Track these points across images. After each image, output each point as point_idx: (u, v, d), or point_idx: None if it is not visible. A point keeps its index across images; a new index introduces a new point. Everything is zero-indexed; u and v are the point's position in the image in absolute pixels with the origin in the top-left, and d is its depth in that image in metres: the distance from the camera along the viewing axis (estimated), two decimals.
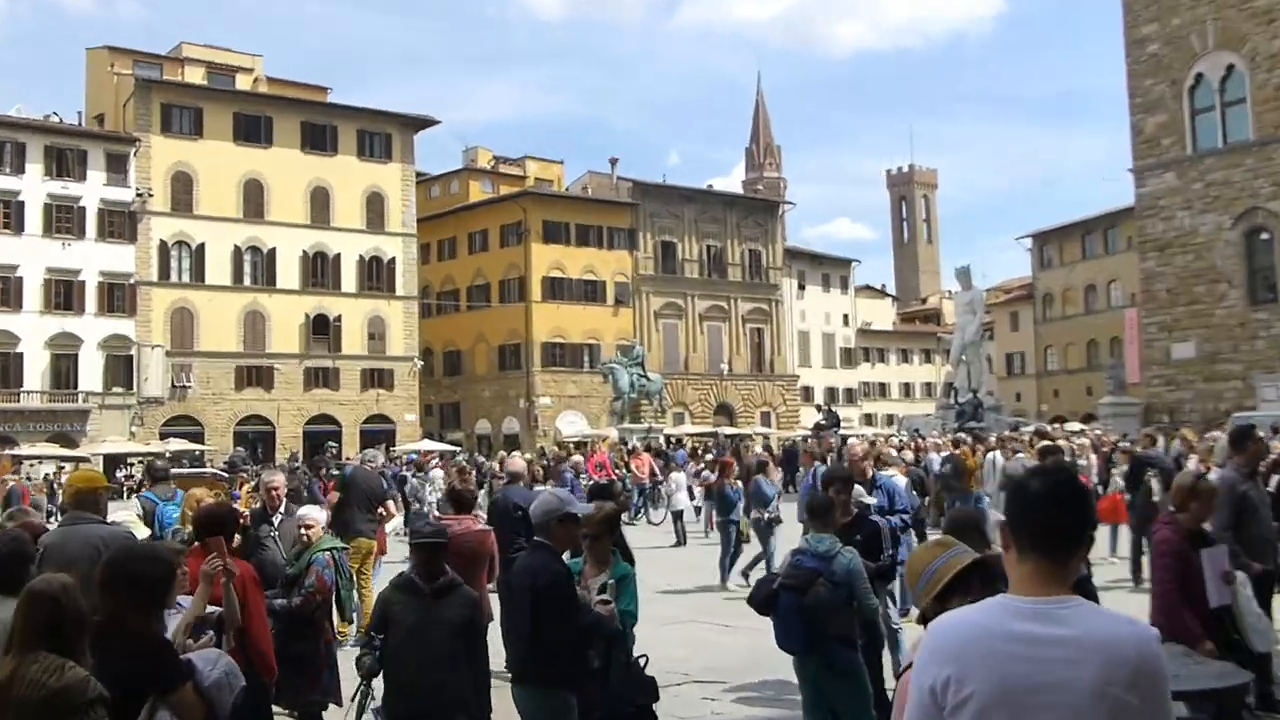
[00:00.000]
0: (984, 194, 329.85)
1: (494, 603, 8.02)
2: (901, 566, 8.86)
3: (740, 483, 18.81)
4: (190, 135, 58.70)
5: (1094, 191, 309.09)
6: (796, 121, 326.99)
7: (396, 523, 18.46)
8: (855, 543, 7.76)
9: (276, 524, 9.71)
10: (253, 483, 22.64)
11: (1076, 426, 41.33)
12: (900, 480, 14.05)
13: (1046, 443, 18.06)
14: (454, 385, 73.19)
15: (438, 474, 31.79)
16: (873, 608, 7.38)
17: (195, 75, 61.91)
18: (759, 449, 48.79)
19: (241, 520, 8.21)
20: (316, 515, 8.86)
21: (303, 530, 8.60)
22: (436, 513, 16.31)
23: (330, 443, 46.43)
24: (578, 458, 29.80)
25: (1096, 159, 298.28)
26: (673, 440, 58.12)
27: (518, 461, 13.36)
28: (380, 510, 14.54)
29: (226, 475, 33.80)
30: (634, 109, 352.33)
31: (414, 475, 31.33)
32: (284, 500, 10.33)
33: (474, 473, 26.51)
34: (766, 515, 16.10)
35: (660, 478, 31.23)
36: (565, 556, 6.61)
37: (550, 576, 6.26)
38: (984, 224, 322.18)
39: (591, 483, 29.96)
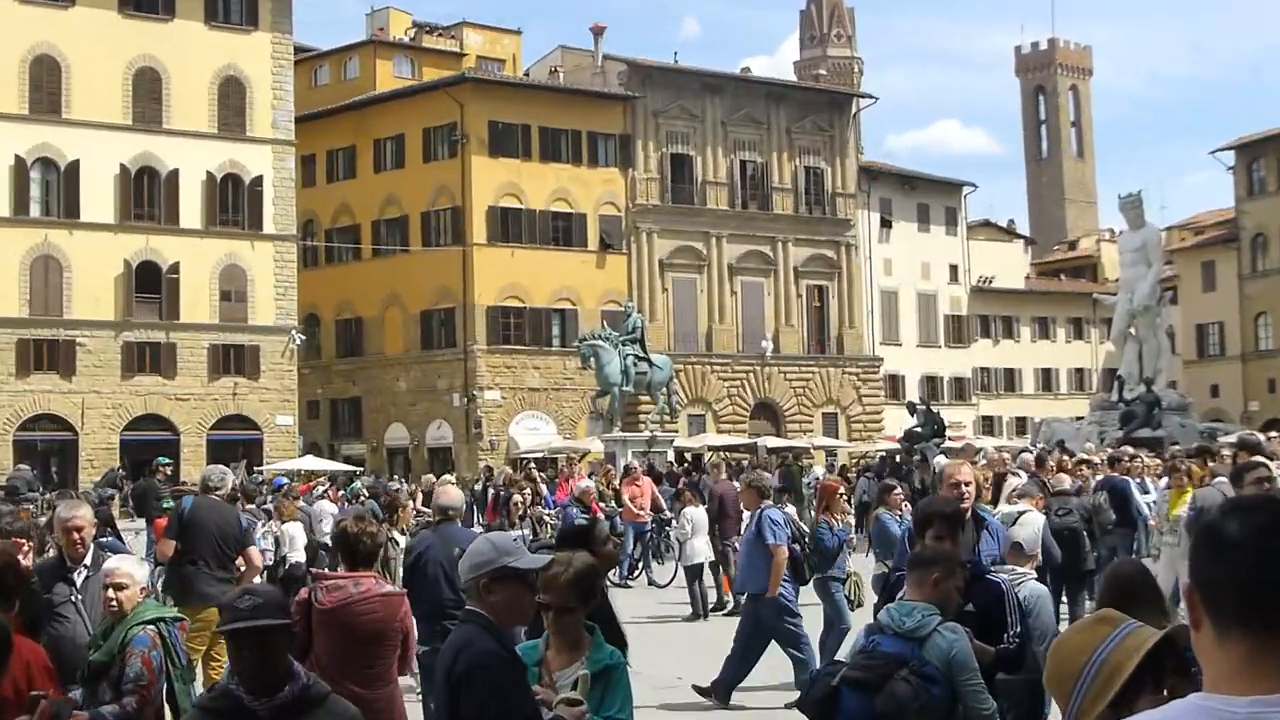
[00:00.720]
0: (1163, 84, 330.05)
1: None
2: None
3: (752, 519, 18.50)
4: None
5: None
6: None
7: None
8: (965, 616, 7.76)
9: (80, 582, 9.69)
10: (43, 518, 22.32)
11: None
12: (1035, 518, 13.76)
13: (1253, 459, 17.69)
14: (353, 372, 73.15)
15: (327, 508, 31.53)
16: (987, 714, 7.45)
17: None
18: (820, 471, 48.59)
19: (25, 577, 8.20)
20: (131, 569, 8.77)
21: (111, 593, 8.51)
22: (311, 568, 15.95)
23: (161, 458, 45.90)
24: (586, 483, 29.54)
25: None
26: (688, 457, 58.07)
27: (451, 491, 13.36)
28: (238, 562, 14.49)
29: (2, 507, 33.70)
30: None
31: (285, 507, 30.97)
32: (91, 546, 10.19)
33: (384, 512, 26.18)
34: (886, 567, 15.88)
35: (669, 514, 31.04)
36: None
37: (476, 659, 6.21)
38: (1162, 131, 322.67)
39: (563, 521, 29.77)
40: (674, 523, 29.49)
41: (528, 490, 35.60)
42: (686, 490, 29.28)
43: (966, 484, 11.32)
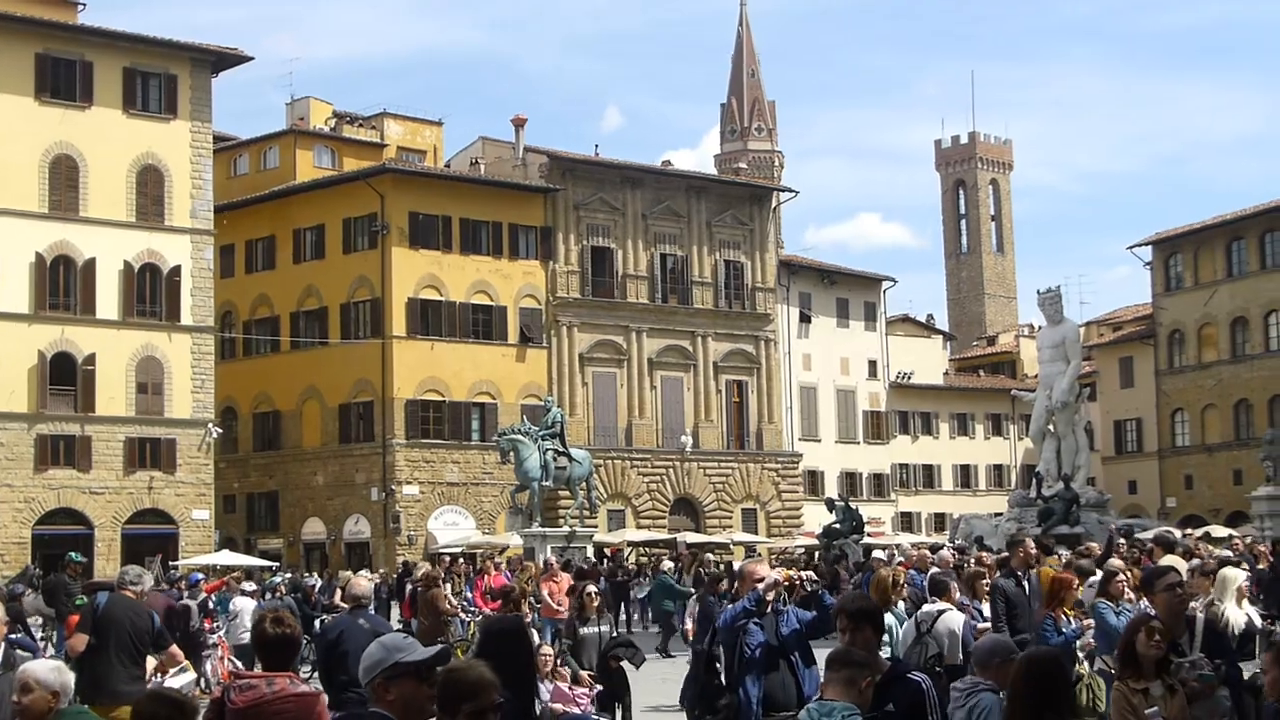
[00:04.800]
0: (1083, 179, 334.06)
1: None
2: None
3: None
4: None
5: (1245, 177, 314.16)
6: (798, 65, 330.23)
7: (186, 680, 18.10)
8: (885, 718, 7.86)
9: None
10: None
11: (1222, 532, 41.37)
12: (954, 618, 13.94)
13: (1162, 566, 17.87)
14: (270, 465, 72.79)
15: (244, 604, 31.42)
16: None
17: None
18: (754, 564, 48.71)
19: None
20: (42, 674, 8.54)
21: (18, 700, 8.36)
22: (232, 666, 16.00)
23: (73, 554, 45.63)
24: (586, 585, 29.20)
25: (1252, 129, 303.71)
26: (607, 552, 58.06)
27: (361, 583, 13.73)
28: (151, 662, 14.41)
29: None
30: (552, 44, 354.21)
31: (194, 603, 30.89)
32: (2, 645, 10.21)
33: (300, 608, 26.14)
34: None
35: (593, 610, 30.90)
36: None
37: None
38: (1082, 225, 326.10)
39: (481, 617, 29.73)
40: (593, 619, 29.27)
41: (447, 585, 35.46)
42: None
43: (765, 582, 11.81)
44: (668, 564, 46.25)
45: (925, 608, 14.83)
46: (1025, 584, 16.90)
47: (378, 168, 72.39)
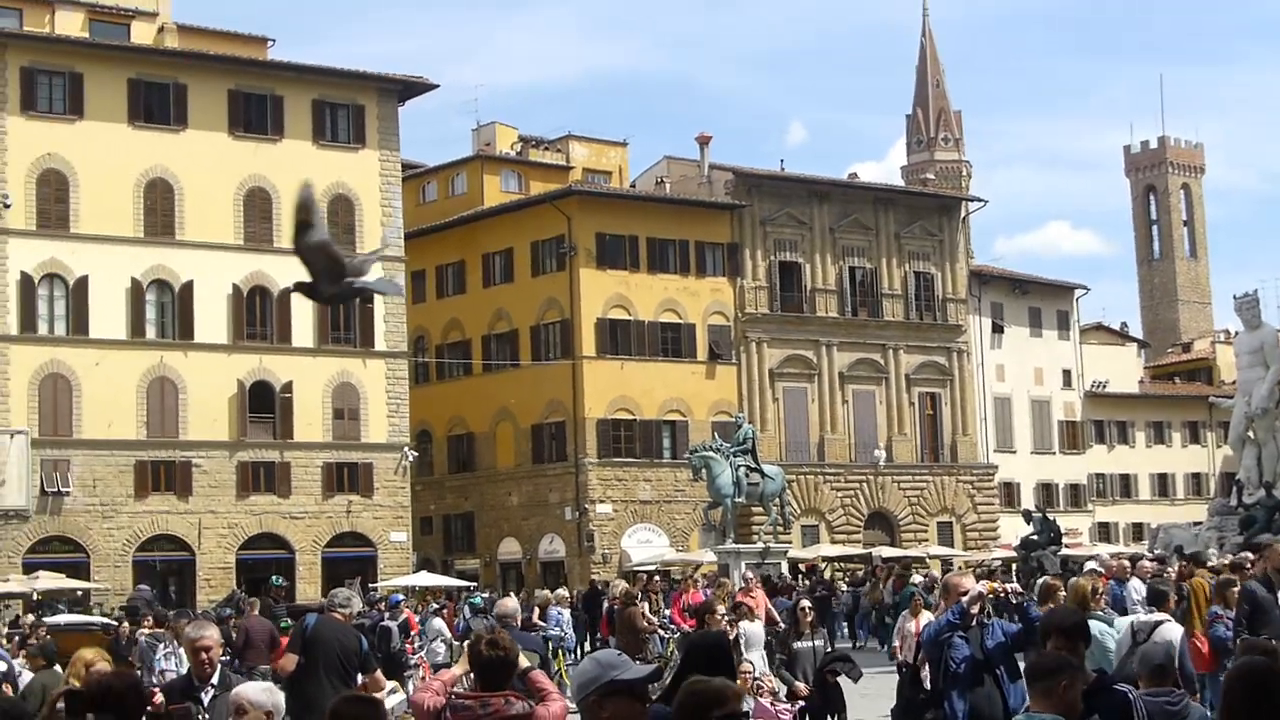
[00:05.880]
0: (1276, 179, 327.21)
1: None
2: None
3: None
4: (65, 115, 59.75)
5: None
6: (983, 73, 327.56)
7: (396, 701, 18.28)
8: None
9: (207, 702, 9.88)
10: (163, 644, 22.68)
11: None
12: (1173, 630, 13.38)
13: None
14: (465, 487, 73.54)
15: (439, 624, 31.79)
16: None
17: (72, 25, 63.02)
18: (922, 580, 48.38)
19: (152, 699, 8.21)
20: (255, 695, 8.78)
21: (231, 719, 8.56)
22: (433, 686, 16.15)
23: (275, 577, 46.63)
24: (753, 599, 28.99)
25: None
26: (802, 568, 57.86)
27: (508, 603, 14.07)
28: (364, 680, 14.49)
29: (117, 625, 34.03)
30: (734, 62, 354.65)
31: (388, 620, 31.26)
32: (218, 667, 10.51)
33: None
34: None
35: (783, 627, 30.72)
36: None
37: None
38: (1277, 227, 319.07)
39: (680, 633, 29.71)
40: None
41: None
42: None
43: (969, 595, 11.61)
44: (918, 577, 45.93)
45: (1142, 617, 14.50)
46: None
47: (564, 190, 72.80)
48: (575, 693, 6.71)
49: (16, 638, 32.64)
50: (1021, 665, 9.90)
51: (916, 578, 43.46)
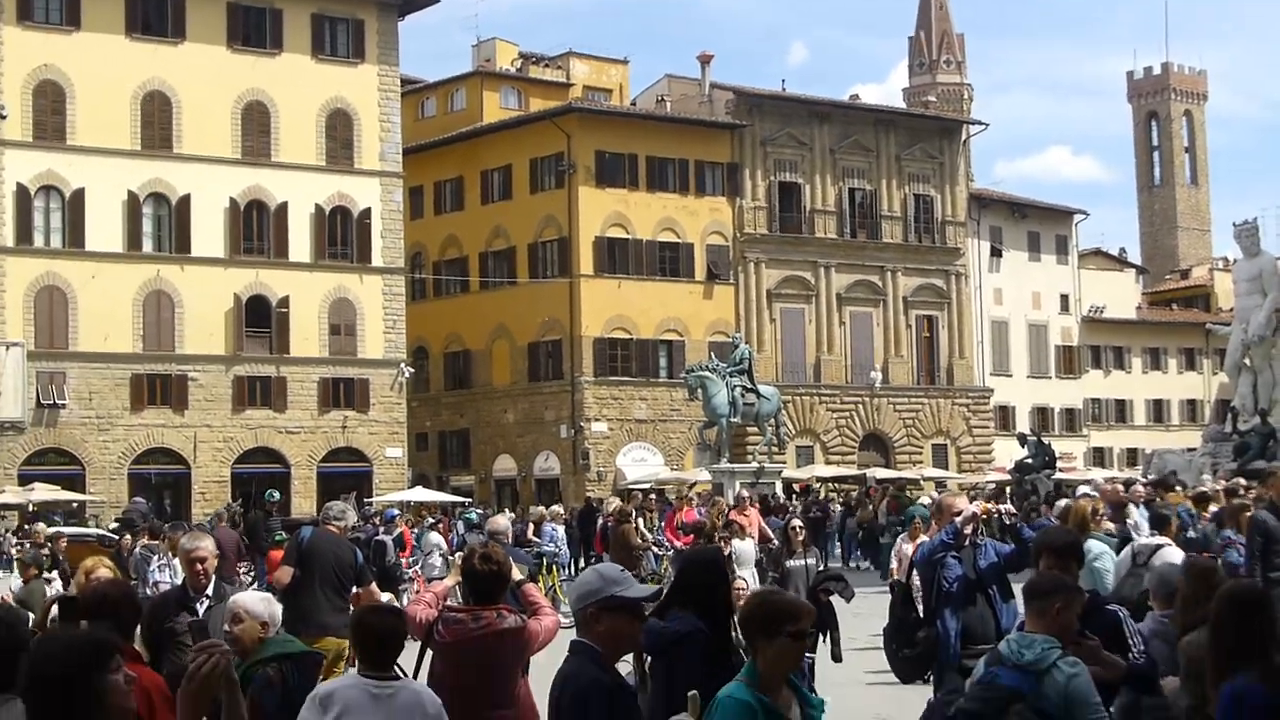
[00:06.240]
0: (1278, 108, 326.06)
1: None
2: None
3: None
4: (61, 25, 59.40)
5: None
6: None
7: None
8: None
9: (202, 612, 10.02)
10: (158, 556, 22.74)
11: None
12: (1173, 553, 13.28)
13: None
14: (460, 404, 73.64)
15: (435, 538, 31.86)
16: None
17: None
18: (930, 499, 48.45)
19: (140, 609, 8.35)
20: (250, 604, 8.85)
21: (229, 629, 8.59)
22: (425, 598, 16.29)
23: (272, 491, 46.66)
24: (754, 516, 28.84)
25: None
26: (796, 488, 57.95)
27: (499, 520, 14.51)
28: (357, 593, 14.64)
29: (118, 538, 34.07)
30: None
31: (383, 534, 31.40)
32: (213, 578, 10.63)
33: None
34: None
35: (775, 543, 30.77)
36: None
37: (582, 689, 6.48)
38: (1278, 156, 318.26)
39: (673, 550, 29.74)
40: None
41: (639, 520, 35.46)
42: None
43: (963, 515, 11.66)
44: (926, 499, 45.74)
45: (1141, 540, 14.55)
46: None
47: (564, 107, 72.43)
48: (574, 602, 6.82)
49: (27, 544, 32.83)
50: (1016, 587, 9.95)
51: (925, 499, 42.83)
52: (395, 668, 7.42)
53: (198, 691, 5.48)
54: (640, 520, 35.54)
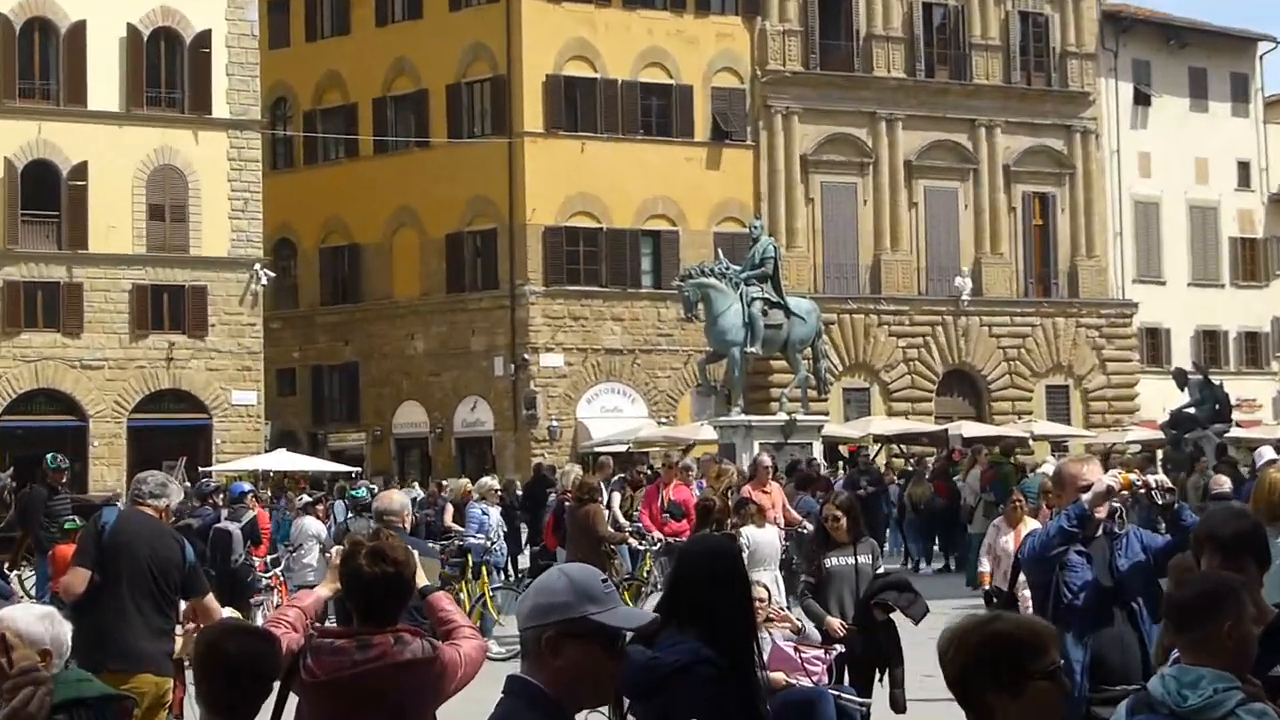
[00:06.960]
0: None
1: None
2: None
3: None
4: None
5: None
6: None
7: None
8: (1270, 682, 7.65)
9: None
10: None
11: None
12: None
13: None
14: (346, 326, 73.91)
15: (311, 526, 31.91)
16: None
17: None
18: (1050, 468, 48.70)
19: None
20: (25, 625, 8.59)
21: None
22: (288, 616, 16.29)
23: (54, 456, 46.48)
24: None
25: None
26: (844, 451, 58.00)
27: (394, 495, 14.92)
28: (189, 606, 14.64)
29: None
30: None
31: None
32: None
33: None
34: None
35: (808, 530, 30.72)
36: None
37: None
38: None
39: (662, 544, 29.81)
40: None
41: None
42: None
43: (1093, 491, 11.50)
44: (1048, 466, 45.20)
45: None
46: None
47: None
48: (524, 618, 6.48)
49: None
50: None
51: (1047, 466, 41.97)
52: None
53: None
54: (615, 499, 35.46)
